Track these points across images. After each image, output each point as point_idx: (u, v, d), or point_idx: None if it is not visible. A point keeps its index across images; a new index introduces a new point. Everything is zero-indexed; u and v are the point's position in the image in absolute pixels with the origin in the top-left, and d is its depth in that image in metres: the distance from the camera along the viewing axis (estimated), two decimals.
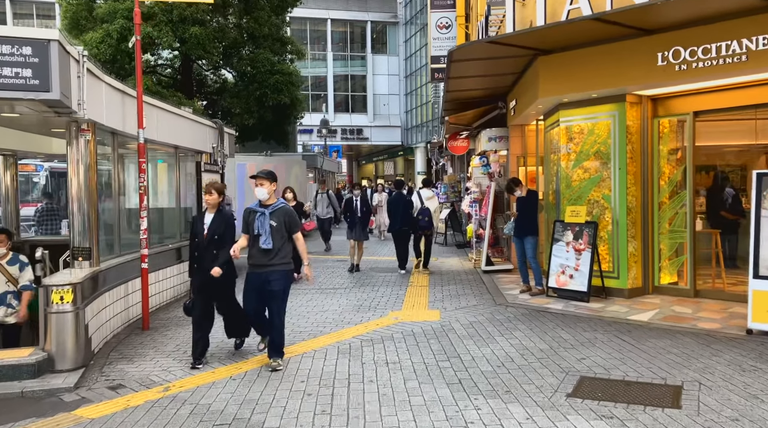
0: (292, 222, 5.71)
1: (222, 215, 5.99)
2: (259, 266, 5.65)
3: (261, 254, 5.60)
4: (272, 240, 5.55)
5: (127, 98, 7.59)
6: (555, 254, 8.49)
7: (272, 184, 5.68)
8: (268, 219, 5.59)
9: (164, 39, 15.39)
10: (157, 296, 8.72)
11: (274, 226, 5.58)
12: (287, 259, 5.71)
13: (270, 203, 5.68)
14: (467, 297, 8.77)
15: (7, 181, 9.95)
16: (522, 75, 9.63)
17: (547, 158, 9.92)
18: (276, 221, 5.59)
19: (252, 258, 5.67)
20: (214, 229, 5.87)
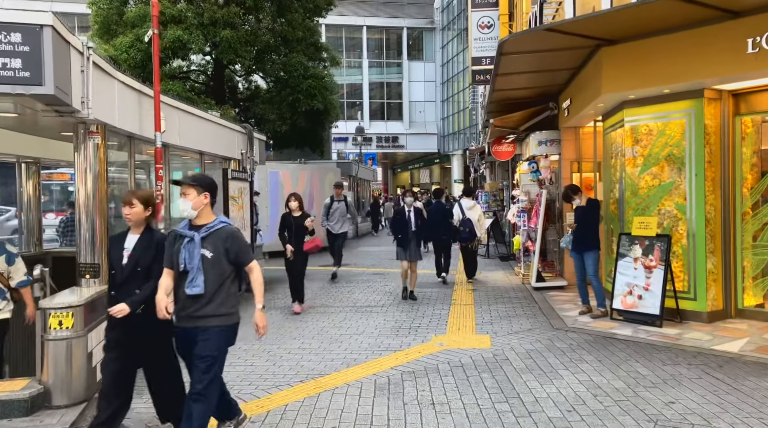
0: (238, 250, 3.82)
1: (151, 236, 4.15)
2: (185, 318, 3.82)
3: (188, 300, 3.77)
4: (203, 280, 3.72)
5: (144, 99, 6.92)
6: (621, 271, 7.49)
7: (202, 194, 3.81)
8: (198, 248, 3.73)
9: (195, 43, 14.90)
10: None
11: (208, 258, 3.74)
12: (228, 308, 3.86)
13: (203, 223, 3.83)
14: (519, 319, 7.81)
15: (29, 189, 9.41)
16: (579, 70, 8.67)
17: (606, 163, 8.91)
18: (211, 251, 3.75)
19: (177, 305, 3.86)
20: (137, 257, 4.06)
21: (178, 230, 3.86)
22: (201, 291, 3.70)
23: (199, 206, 3.82)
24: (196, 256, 3.71)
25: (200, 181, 3.88)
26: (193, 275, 3.70)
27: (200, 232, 3.78)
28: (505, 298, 9.43)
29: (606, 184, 8.95)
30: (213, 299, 3.75)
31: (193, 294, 3.71)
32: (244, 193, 10.31)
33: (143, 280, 4.05)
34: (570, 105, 9.46)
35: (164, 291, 3.84)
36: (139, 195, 4.15)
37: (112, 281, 4.22)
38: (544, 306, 8.63)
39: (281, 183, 16.78)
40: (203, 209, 3.84)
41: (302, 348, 6.66)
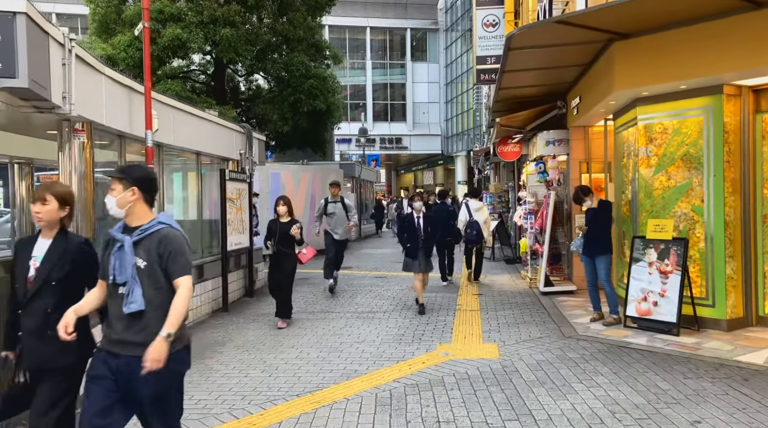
0: (169, 256, 3.03)
1: (66, 241, 3.37)
2: (116, 343, 3.05)
3: (121, 321, 3.03)
4: (140, 294, 3.00)
5: (135, 96, 6.62)
6: (635, 276, 7.13)
7: (129, 189, 3.08)
8: (130, 255, 3.02)
9: (194, 41, 14.60)
10: None
11: (141, 268, 3.02)
12: None
13: (137, 225, 3.10)
14: (528, 327, 7.46)
15: (22, 191, 9.13)
16: (590, 67, 8.32)
17: (618, 163, 8.56)
18: (145, 258, 3.02)
19: (107, 328, 3.13)
20: (49, 267, 3.29)
21: (111, 233, 3.16)
22: (140, 308, 2.98)
23: (126, 204, 3.08)
24: (128, 265, 3.00)
25: (127, 173, 3.15)
26: (129, 289, 3.00)
27: (134, 234, 3.05)
28: (513, 304, 9.09)
29: (617, 185, 8.60)
30: (154, 319, 3.00)
31: (131, 312, 2.98)
32: (242, 194, 10.00)
33: (57, 296, 3.25)
34: (579, 103, 9.11)
35: (85, 306, 3.17)
36: (55, 190, 3.36)
37: (14, 297, 3.38)
38: (554, 313, 8.28)
39: (283, 184, 16.47)
40: (135, 208, 3.10)
41: (300, 357, 6.33)
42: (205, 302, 8.79)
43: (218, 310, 9.08)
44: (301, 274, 12.72)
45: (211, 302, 9.02)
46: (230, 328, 7.92)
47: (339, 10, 43.55)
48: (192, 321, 8.21)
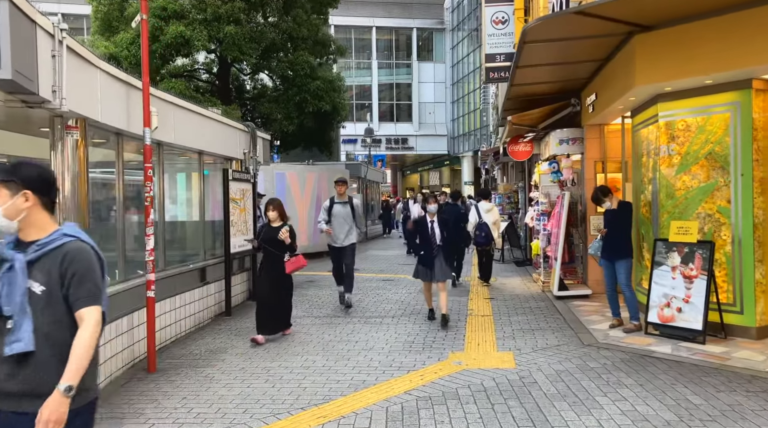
0: (76, 279, 2.34)
1: None
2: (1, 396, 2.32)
3: (4, 364, 2.31)
4: (30, 330, 2.29)
5: (133, 92, 6.32)
6: (657, 281, 6.79)
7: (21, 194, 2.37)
8: (22, 277, 2.32)
9: (198, 39, 14.33)
10: (174, 327, 7.40)
11: (37, 293, 2.33)
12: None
13: (33, 239, 2.39)
14: (544, 333, 7.13)
15: None
16: (607, 62, 7.98)
17: (636, 162, 8.22)
18: (42, 282, 2.34)
19: None
20: None
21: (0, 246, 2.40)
22: (27, 348, 2.26)
23: (17, 214, 2.36)
24: (18, 290, 2.29)
25: (14, 173, 2.38)
26: (15, 323, 2.28)
27: (30, 250, 2.35)
28: (526, 308, 8.75)
29: (636, 185, 8.25)
30: (51, 364, 2.29)
31: (14, 354, 2.26)
32: (246, 195, 9.70)
33: None
34: (595, 100, 8.77)
35: None
36: None
37: None
38: (570, 318, 7.94)
39: (288, 185, 16.17)
40: (30, 217, 2.38)
41: (305, 366, 6.02)
42: (207, 306, 8.49)
43: (221, 314, 8.78)
44: (306, 276, 12.44)
45: (214, 306, 8.73)
46: (233, 333, 7.61)
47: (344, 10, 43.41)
48: (192, 327, 7.92)
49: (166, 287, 7.29)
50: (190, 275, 8.12)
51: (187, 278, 7.98)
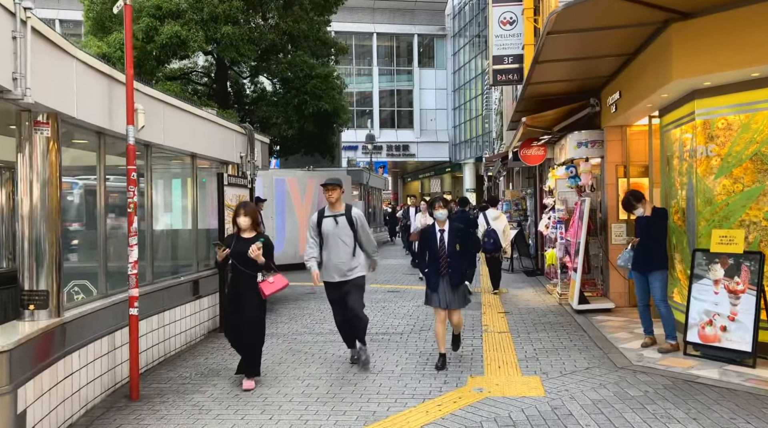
0: None
1: None
2: None
3: None
4: None
5: (116, 86, 5.69)
6: (697, 296, 6.12)
7: None
8: None
9: (194, 40, 13.71)
10: (162, 346, 6.74)
11: None
12: None
13: None
14: (570, 353, 6.46)
15: (1, 199, 8.24)
16: (634, 57, 7.35)
17: (667, 165, 7.57)
18: None
19: None
20: None
21: None
22: None
23: None
24: None
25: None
26: None
27: None
28: (545, 324, 8.08)
29: (666, 190, 7.60)
30: None
31: None
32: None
33: None
34: (619, 99, 8.14)
35: None
36: None
37: None
38: (595, 335, 7.27)
39: (288, 191, 15.56)
40: None
41: (306, 393, 5.35)
42: (200, 321, 7.83)
43: (215, 330, 8.12)
44: (306, 288, 11.78)
45: (207, 322, 8.07)
46: (227, 353, 6.93)
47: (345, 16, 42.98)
48: (184, 345, 7.25)
49: (155, 302, 6.64)
50: (182, 288, 7.46)
51: (179, 292, 7.32)
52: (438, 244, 6.05)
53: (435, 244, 6.08)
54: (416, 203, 17.72)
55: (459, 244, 6.03)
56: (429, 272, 6.10)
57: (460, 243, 6.05)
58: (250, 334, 5.63)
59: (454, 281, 5.99)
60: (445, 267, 5.98)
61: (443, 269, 5.99)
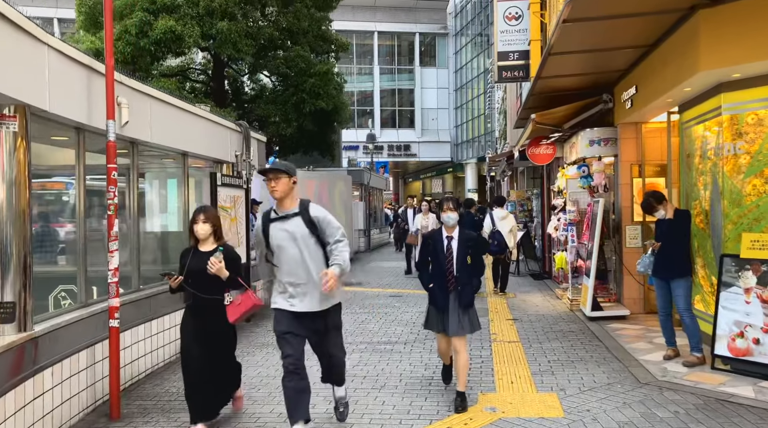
0: None
1: None
2: None
3: None
4: None
5: (96, 78, 5.24)
6: (726, 305, 5.67)
7: None
8: None
9: (189, 35, 13.26)
10: (149, 358, 6.29)
11: None
12: None
13: None
14: (587, 366, 6.00)
15: None
16: (654, 48, 6.89)
17: (687, 164, 7.12)
18: None
19: None
20: None
21: None
22: None
23: None
24: None
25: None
26: None
27: None
28: (557, 332, 7.62)
29: (687, 191, 7.15)
30: None
31: None
32: (238, 203, 8.61)
33: None
34: (635, 94, 7.68)
35: None
36: None
37: None
38: (612, 345, 6.81)
39: None
40: None
41: None
42: None
43: None
44: None
45: None
46: None
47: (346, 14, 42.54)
48: (172, 356, 6.80)
49: (142, 311, 6.20)
50: (171, 296, 6.99)
51: (168, 299, 6.85)
52: (445, 254, 4.94)
53: (442, 254, 4.95)
54: (414, 204, 16.71)
55: (471, 256, 4.94)
56: (434, 287, 4.99)
57: (473, 255, 4.95)
58: (210, 366, 4.40)
59: (464, 301, 4.85)
60: (452, 283, 4.89)
61: (450, 285, 4.89)
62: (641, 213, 8.58)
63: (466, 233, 5.08)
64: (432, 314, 5.09)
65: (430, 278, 5.07)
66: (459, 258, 4.91)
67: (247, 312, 4.44)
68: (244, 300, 4.43)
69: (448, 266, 4.93)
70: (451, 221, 5.03)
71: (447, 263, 4.93)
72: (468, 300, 4.89)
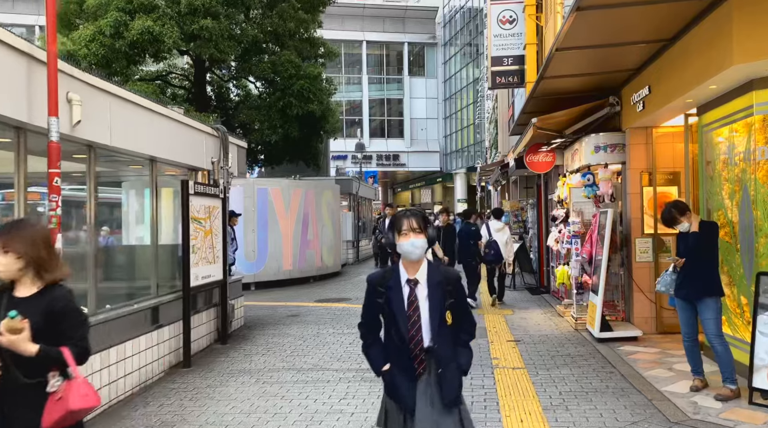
0: None
1: None
2: None
3: None
4: None
5: (38, 69, 4.49)
6: (763, 330, 4.98)
7: None
8: None
9: (168, 35, 12.53)
10: (107, 390, 5.50)
11: None
12: None
13: None
14: (605, 399, 5.29)
15: None
16: (673, 43, 6.25)
17: (709, 171, 6.47)
18: None
19: None
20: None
21: None
22: None
23: None
24: None
25: None
26: None
27: None
28: (565, 356, 6.91)
29: (708, 200, 6.49)
30: None
31: None
32: (213, 214, 7.85)
33: None
34: (647, 95, 7.05)
35: None
36: None
37: None
38: (628, 373, 6.11)
39: (271, 201, 14.32)
40: None
41: None
42: (160, 356, 6.59)
43: (177, 365, 6.88)
44: (289, 309, 10.58)
45: (169, 356, 6.83)
46: (188, 395, 5.73)
47: (335, 23, 42.04)
48: (138, 386, 6.03)
49: (98, 338, 5.40)
50: (137, 318, 6.24)
51: (132, 322, 6.10)
52: (407, 311, 2.90)
53: (401, 313, 2.90)
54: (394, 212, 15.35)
55: (452, 311, 2.98)
56: (391, 370, 2.93)
57: (455, 309, 2.98)
58: None
59: (446, 395, 2.87)
60: (422, 363, 2.89)
61: (420, 366, 2.89)
62: (652, 225, 7.99)
63: (441, 271, 2.99)
64: (392, 416, 2.94)
65: (381, 354, 2.98)
66: (433, 317, 2.87)
67: (67, 416, 2.56)
68: (74, 392, 2.57)
69: (413, 331, 2.87)
70: (415, 253, 2.88)
71: (411, 328, 2.87)
72: (452, 393, 2.87)
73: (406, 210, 3.02)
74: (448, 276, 2.96)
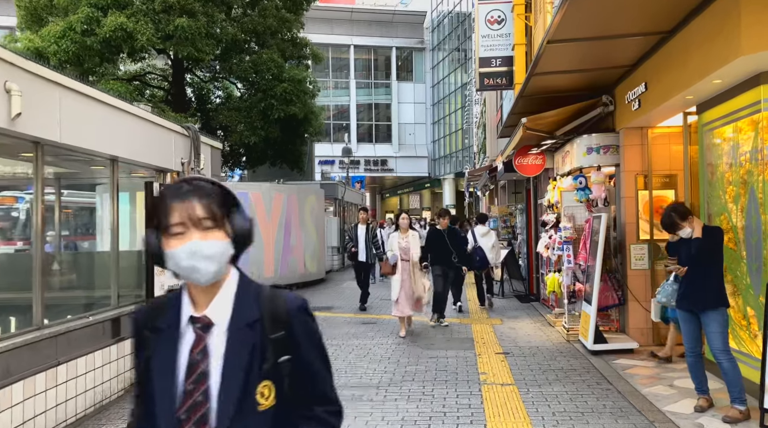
0: None
1: None
2: None
3: None
4: None
5: None
6: None
7: None
8: None
9: (142, 33, 12.01)
10: (54, 413, 4.96)
11: None
12: None
13: None
14: (602, 420, 4.83)
15: None
16: (672, 35, 5.85)
17: (711, 173, 6.06)
18: None
19: None
20: None
21: None
22: None
23: None
24: None
25: None
26: None
27: None
28: (557, 371, 6.46)
29: (710, 204, 6.08)
30: None
31: None
32: None
33: None
34: (644, 93, 6.64)
35: None
36: None
37: None
38: (625, 389, 5.66)
39: (252, 206, 13.79)
40: None
41: None
42: (119, 372, 6.06)
43: None
44: None
45: (129, 372, 6.28)
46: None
47: (323, 27, 41.63)
48: (93, 406, 5.49)
49: (44, 354, 4.91)
50: (92, 331, 5.69)
51: (87, 335, 5.56)
52: (181, 382, 1.46)
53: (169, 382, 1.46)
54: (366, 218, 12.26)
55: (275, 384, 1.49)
56: None
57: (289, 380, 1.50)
58: None
59: None
60: None
61: None
62: (648, 230, 7.58)
63: (264, 298, 1.56)
64: None
65: None
66: (228, 394, 1.45)
67: None
68: None
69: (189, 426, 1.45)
70: (202, 272, 1.47)
71: (186, 417, 1.45)
72: None
73: (181, 182, 1.53)
74: (275, 310, 1.53)
